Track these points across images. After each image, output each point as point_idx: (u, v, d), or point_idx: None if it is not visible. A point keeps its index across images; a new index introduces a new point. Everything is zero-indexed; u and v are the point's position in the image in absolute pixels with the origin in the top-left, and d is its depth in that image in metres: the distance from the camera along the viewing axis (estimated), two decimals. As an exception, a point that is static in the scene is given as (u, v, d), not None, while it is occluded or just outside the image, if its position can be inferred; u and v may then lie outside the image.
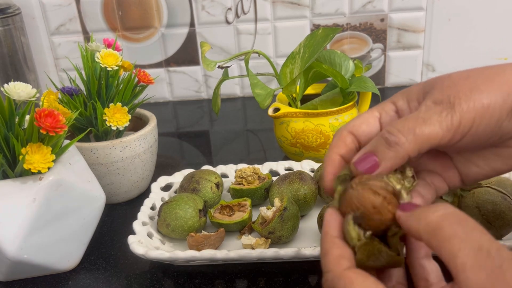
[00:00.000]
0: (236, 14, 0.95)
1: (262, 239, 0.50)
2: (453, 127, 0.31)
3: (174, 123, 0.93)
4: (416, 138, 0.31)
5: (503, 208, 0.47)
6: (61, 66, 1.00)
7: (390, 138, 0.31)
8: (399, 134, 0.31)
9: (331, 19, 0.95)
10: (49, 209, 0.46)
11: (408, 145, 0.31)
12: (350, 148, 0.35)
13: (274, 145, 0.79)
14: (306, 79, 0.70)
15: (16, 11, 0.89)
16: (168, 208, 0.52)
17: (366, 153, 0.32)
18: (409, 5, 0.93)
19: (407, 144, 0.31)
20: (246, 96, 1.03)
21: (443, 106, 0.31)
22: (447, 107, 0.31)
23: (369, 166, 0.32)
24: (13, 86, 0.45)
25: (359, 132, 0.35)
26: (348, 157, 0.35)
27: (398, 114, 0.35)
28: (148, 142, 0.62)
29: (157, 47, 0.99)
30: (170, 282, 0.49)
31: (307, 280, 0.48)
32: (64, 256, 0.50)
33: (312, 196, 0.55)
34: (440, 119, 0.31)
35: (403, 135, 0.31)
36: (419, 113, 0.32)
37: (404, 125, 0.32)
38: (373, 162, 0.32)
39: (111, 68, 0.57)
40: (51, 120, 0.44)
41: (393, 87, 1.01)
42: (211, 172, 0.59)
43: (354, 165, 0.32)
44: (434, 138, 0.31)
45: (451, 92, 0.32)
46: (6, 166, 0.46)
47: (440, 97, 0.32)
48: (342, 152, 0.35)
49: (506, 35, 0.95)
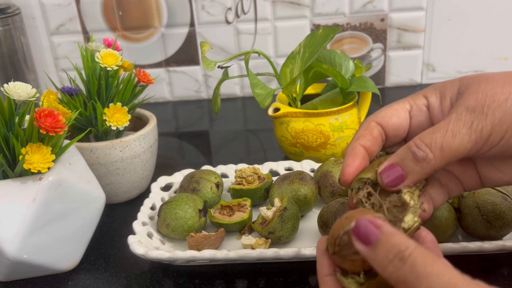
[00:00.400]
0: (236, 14, 0.95)
1: (262, 239, 0.50)
2: (482, 139, 0.30)
3: (174, 123, 0.93)
4: (444, 154, 0.30)
5: (504, 208, 0.47)
6: (61, 66, 1.00)
7: (418, 153, 0.31)
8: (427, 149, 0.31)
9: (331, 19, 0.95)
10: (49, 209, 0.46)
11: (435, 161, 0.31)
12: (376, 140, 0.34)
13: (274, 145, 0.79)
14: (306, 79, 0.69)
15: (16, 11, 0.89)
16: (168, 208, 0.52)
17: (392, 165, 0.32)
18: (409, 5, 0.93)
19: (434, 160, 0.31)
20: (246, 96, 1.03)
21: (475, 115, 0.30)
22: (479, 117, 0.30)
23: (394, 178, 0.31)
24: (13, 86, 0.45)
25: (388, 125, 0.34)
26: (372, 150, 0.34)
27: (429, 110, 0.34)
28: (148, 142, 0.62)
29: (157, 47, 0.99)
30: (170, 282, 0.49)
31: (307, 280, 0.47)
32: (64, 256, 0.50)
33: (312, 196, 0.55)
34: (470, 131, 0.30)
35: (431, 150, 0.30)
36: (448, 124, 0.31)
37: (432, 139, 0.31)
38: (398, 175, 0.31)
39: (111, 68, 0.57)
40: (51, 120, 0.44)
41: (393, 87, 1.01)
42: (211, 172, 0.59)
43: (379, 175, 0.32)
44: (462, 152, 0.31)
45: (485, 100, 0.31)
46: (6, 166, 0.46)
47: (474, 103, 0.31)
48: (367, 144, 0.34)
49: (506, 35, 0.95)
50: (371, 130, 0.34)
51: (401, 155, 0.32)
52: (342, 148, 0.67)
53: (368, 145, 0.34)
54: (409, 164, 0.31)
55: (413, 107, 0.34)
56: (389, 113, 0.34)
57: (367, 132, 0.34)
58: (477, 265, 0.47)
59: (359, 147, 0.34)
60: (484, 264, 0.48)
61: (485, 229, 0.48)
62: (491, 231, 0.47)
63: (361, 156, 0.34)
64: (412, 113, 0.34)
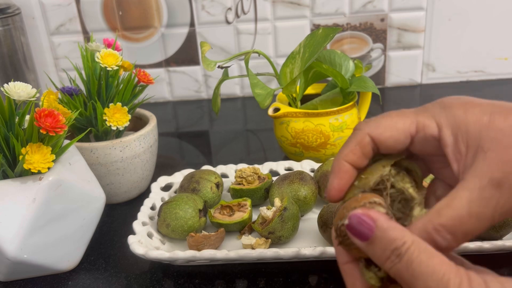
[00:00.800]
0: (236, 14, 0.95)
1: (262, 239, 0.50)
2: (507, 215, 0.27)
3: (174, 123, 0.93)
4: (466, 239, 0.27)
5: (503, 208, 0.47)
6: (61, 66, 1.00)
7: (440, 242, 0.27)
8: (449, 237, 0.26)
9: (331, 19, 0.95)
10: (49, 209, 0.46)
11: (457, 246, 0.27)
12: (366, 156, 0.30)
13: (274, 145, 0.79)
14: (306, 79, 0.69)
15: (16, 11, 0.89)
16: (168, 208, 0.52)
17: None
18: (409, 5, 0.93)
19: (456, 245, 0.27)
20: (246, 96, 1.03)
21: (501, 193, 0.26)
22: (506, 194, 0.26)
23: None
24: (13, 86, 0.45)
25: (380, 140, 0.30)
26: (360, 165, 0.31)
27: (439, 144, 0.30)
28: (148, 142, 0.62)
29: (157, 47, 0.99)
30: (170, 282, 0.49)
31: (307, 280, 0.47)
32: (64, 256, 0.50)
33: (312, 196, 0.55)
34: (493, 212, 0.26)
35: (454, 238, 0.26)
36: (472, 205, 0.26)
37: (454, 223, 0.26)
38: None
39: (111, 68, 0.57)
40: (51, 120, 0.44)
41: (393, 87, 1.01)
42: (211, 172, 0.59)
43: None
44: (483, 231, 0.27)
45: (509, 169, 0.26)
46: (6, 166, 0.46)
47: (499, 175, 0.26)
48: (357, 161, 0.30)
49: (506, 35, 0.95)
50: (363, 147, 0.30)
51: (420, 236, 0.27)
52: (342, 148, 0.67)
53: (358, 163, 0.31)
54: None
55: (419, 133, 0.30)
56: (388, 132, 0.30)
57: (358, 149, 0.30)
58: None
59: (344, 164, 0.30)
60: (483, 264, 0.47)
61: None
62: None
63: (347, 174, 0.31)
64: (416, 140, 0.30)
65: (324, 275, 0.48)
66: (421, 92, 0.98)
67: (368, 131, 0.30)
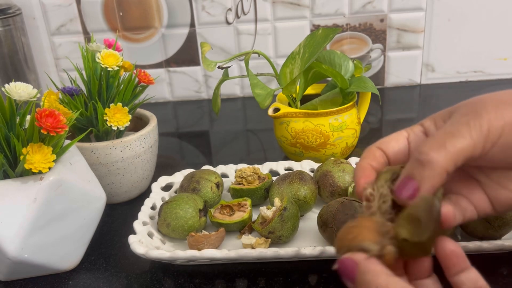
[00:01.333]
0: (236, 15, 0.95)
1: (262, 239, 0.50)
2: (482, 134, 0.31)
3: (174, 123, 0.94)
4: (448, 152, 0.31)
5: (502, 208, 0.47)
6: (62, 66, 1.01)
7: (422, 157, 0.31)
8: (430, 152, 0.31)
9: (331, 19, 0.95)
10: (49, 209, 0.46)
11: (443, 160, 0.31)
12: (379, 161, 0.35)
13: (274, 145, 0.80)
14: (306, 79, 0.70)
15: (16, 11, 0.89)
16: (169, 208, 0.52)
17: (403, 179, 0.32)
18: (409, 6, 0.93)
19: (441, 159, 0.31)
20: (246, 96, 1.03)
21: (470, 117, 0.31)
22: (474, 117, 0.31)
23: (411, 191, 0.31)
24: (13, 86, 0.45)
25: (387, 148, 0.36)
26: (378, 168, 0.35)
27: (425, 135, 0.36)
28: (148, 142, 0.62)
29: (157, 47, 0.99)
30: (170, 281, 0.49)
31: (307, 280, 0.48)
32: (65, 256, 0.50)
33: (312, 196, 0.55)
34: (469, 128, 0.31)
35: (434, 152, 0.31)
36: (446, 128, 0.32)
37: (434, 142, 0.31)
38: (413, 187, 0.31)
39: (111, 69, 0.57)
40: (51, 120, 0.44)
41: (393, 87, 1.01)
42: (211, 172, 0.59)
43: (395, 194, 0.32)
44: (466, 149, 0.31)
45: (477, 106, 0.32)
46: (7, 166, 0.46)
47: (466, 111, 0.32)
48: (373, 163, 0.35)
49: (506, 35, 0.95)
50: (373, 154, 0.36)
51: (408, 166, 0.32)
52: (342, 148, 0.67)
53: (374, 165, 0.35)
54: (418, 172, 0.31)
55: (410, 134, 0.36)
56: (387, 139, 0.36)
57: (371, 155, 0.36)
58: (476, 265, 0.47)
59: (367, 164, 0.35)
60: (483, 264, 0.48)
61: (484, 229, 0.48)
62: (490, 231, 0.48)
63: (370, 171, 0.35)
64: (410, 139, 0.36)
65: (324, 274, 0.48)
66: (421, 92, 0.98)
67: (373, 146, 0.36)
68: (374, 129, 0.85)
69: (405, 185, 0.32)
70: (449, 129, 0.32)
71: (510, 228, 0.48)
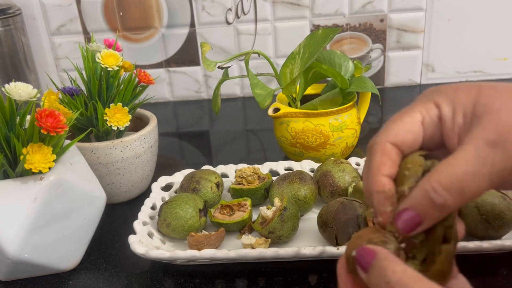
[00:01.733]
0: (236, 15, 0.95)
1: (262, 239, 0.50)
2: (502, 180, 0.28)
3: (174, 123, 0.94)
4: (463, 198, 0.28)
5: (502, 208, 0.47)
6: (62, 66, 1.01)
7: (437, 200, 0.28)
8: (446, 195, 0.28)
9: (331, 19, 0.95)
10: (49, 209, 0.46)
11: (454, 205, 0.28)
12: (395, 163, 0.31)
13: (274, 145, 0.80)
14: (306, 79, 0.70)
15: (16, 11, 0.89)
16: (169, 208, 0.52)
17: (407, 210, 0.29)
18: (409, 6, 0.93)
19: (453, 205, 0.28)
20: (246, 96, 1.03)
21: (496, 153, 0.27)
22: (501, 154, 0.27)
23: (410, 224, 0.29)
24: (14, 86, 0.45)
25: (404, 144, 0.31)
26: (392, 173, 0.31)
27: (441, 122, 0.31)
28: (148, 142, 0.62)
29: (157, 47, 0.99)
30: (170, 281, 0.49)
31: (307, 280, 0.48)
32: (65, 255, 0.50)
33: (312, 196, 0.55)
34: (491, 172, 0.27)
35: (450, 195, 0.28)
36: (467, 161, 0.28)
37: (452, 182, 0.27)
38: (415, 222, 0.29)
39: (111, 69, 0.57)
40: (52, 120, 0.44)
41: (393, 87, 1.01)
42: (211, 172, 0.59)
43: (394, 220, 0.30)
44: (480, 193, 0.28)
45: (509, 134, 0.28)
46: (7, 166, 0.46)
47: (494, 137, 0.28)
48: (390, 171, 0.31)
49: (506, 35, 0.95)
50: (389, 154, 0.31)
51: (416, 199, 0.29)
52: (342, 148, 0.67)
53: (392, 173, 0.31)
54: (426, 210, 0.28)
55: (425, 119, 0.31)
56: (403, 130, 0.31)
57: (385, 159, 0.31)
58: (476, 265, 0.48)
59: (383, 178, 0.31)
60: (483, 263, 0.48)
61: (484, 229, 0.48)
62: (490, 231, 0.48)
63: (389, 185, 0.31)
64: (425, 125, 0.31)
65: (324, 274, 0.48)
66: (421, 92, 0.98)
67: (386, 138, 0.31)
68: (374, 129, 0.85)
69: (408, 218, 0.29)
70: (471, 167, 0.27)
71: (510, 228, 0.48)
